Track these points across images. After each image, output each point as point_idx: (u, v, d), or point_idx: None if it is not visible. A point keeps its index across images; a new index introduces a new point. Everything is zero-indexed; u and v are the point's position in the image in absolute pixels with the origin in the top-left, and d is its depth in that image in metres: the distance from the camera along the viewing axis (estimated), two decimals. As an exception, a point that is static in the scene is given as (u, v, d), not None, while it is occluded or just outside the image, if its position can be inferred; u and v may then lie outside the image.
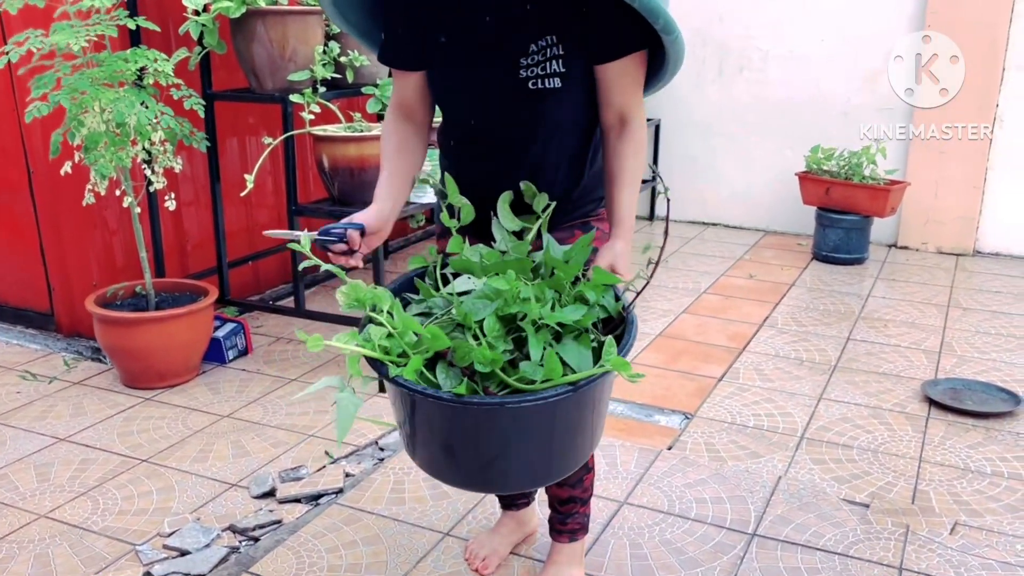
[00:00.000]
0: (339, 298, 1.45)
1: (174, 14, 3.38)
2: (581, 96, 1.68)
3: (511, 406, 1.35)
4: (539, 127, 1.69)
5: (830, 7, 4.99)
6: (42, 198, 3.44)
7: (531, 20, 1.61)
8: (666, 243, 1.67)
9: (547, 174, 1.73)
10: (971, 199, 4.87)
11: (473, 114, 1.73)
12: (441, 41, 1.67)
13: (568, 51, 1.61)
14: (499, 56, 1.63)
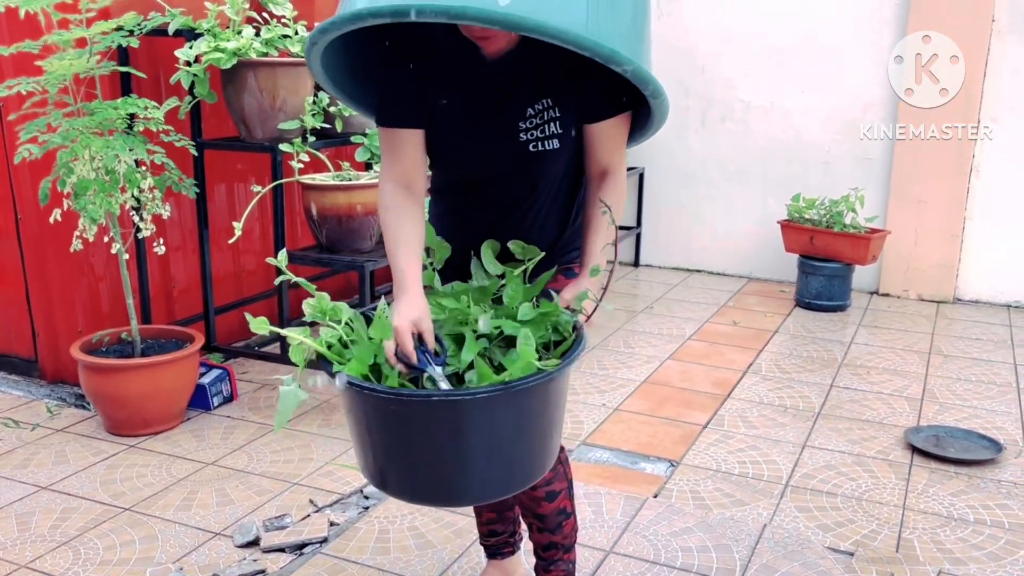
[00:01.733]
0: (305, 308, 1.55)
1: (165, 64, 3.43)
2: (573, 153, 1.75)
3: (437, 399, 1.42)
4: (535, 186, 1.75)
5: (809, 60, 5.11)
6: (29, 245, 3.45)
7: (527, 85, 1.67)
8: (614, 270, 1.73)
9: (536, 226, 1.79)
10: (950, 247, 4.95)
11: (471, 173, 1.77)
12: (442, 104, 1.71)
13: (563, 113, 1.68)
14: (498, 120, 1.69)
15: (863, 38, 4.96)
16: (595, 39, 1.32)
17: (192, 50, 3.01)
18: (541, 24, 1.28)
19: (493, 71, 1.68)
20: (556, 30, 1.29)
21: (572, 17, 1.31)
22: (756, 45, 5.21)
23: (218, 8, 3.01)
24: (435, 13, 1.29)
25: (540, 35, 1.30)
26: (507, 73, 1.67)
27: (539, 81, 1.67)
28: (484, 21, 1.29)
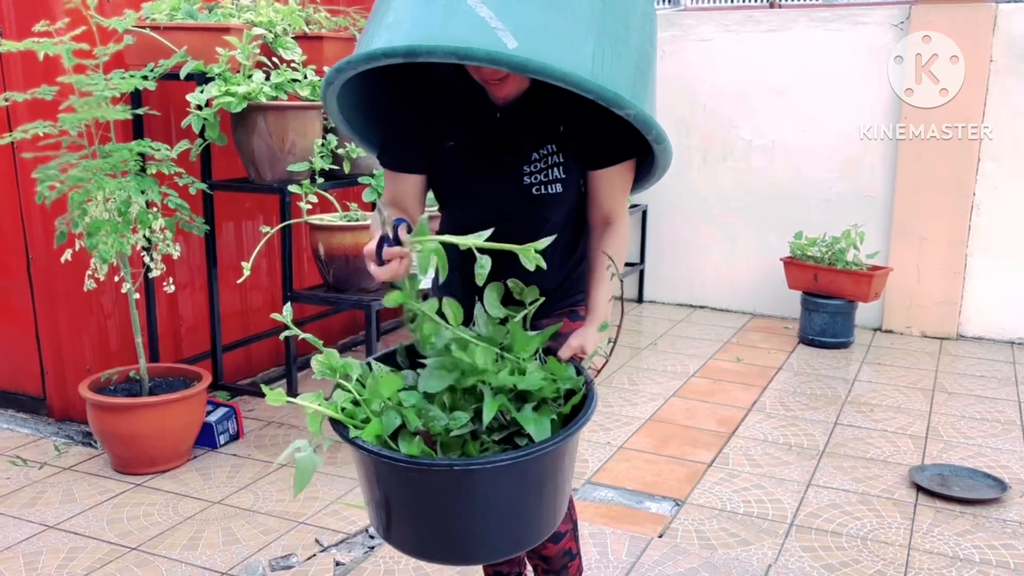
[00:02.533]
0: (313, 366, 1.53)
1: (176, 106, 3.50)
2: (576, 197, 1.79)
3: (459, 468, 1.39)
4: (539, 229, 1.78)
5: (809, 100, 5.17)
6: (40, 284, 3.49)
7: (533, 131, 1.72)
8: (621, 322, 1.74)
9: (539, 269, 1.81)
10: (953, 284, 4.97)
11: (474, 215, 1.81)
12: (448, 146, 1.76)
13: (567, 158, 1.73)
14: (503, 164, 1.74)
15: (862, 78, 5.02)
16: (599, 83, 1.36)
17: (203, 94, 3.07)
18: (547, 67, 1.33)
19: (501, 115, 1.73)
20: (562, 73, 1.33)
21: (578, 61, 1.35)
22: (756, 85, 5.28)
23: (229, 53, 3.08)
24: (446, 54, 1.34)
25: (546, 77, 1.34)
26: (514, 118, 1.73)
27: (545, 127, 1.73)
28: (492, 62, 1.33)
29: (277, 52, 3.28)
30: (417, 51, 1.35)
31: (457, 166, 1.77)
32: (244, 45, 3.07)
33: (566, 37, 1.36)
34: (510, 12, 1.34)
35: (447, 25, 1.35)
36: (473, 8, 1.35)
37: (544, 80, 1.35)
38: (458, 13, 1.35)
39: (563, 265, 1.86)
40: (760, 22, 5.26)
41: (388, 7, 1.46)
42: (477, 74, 1.66)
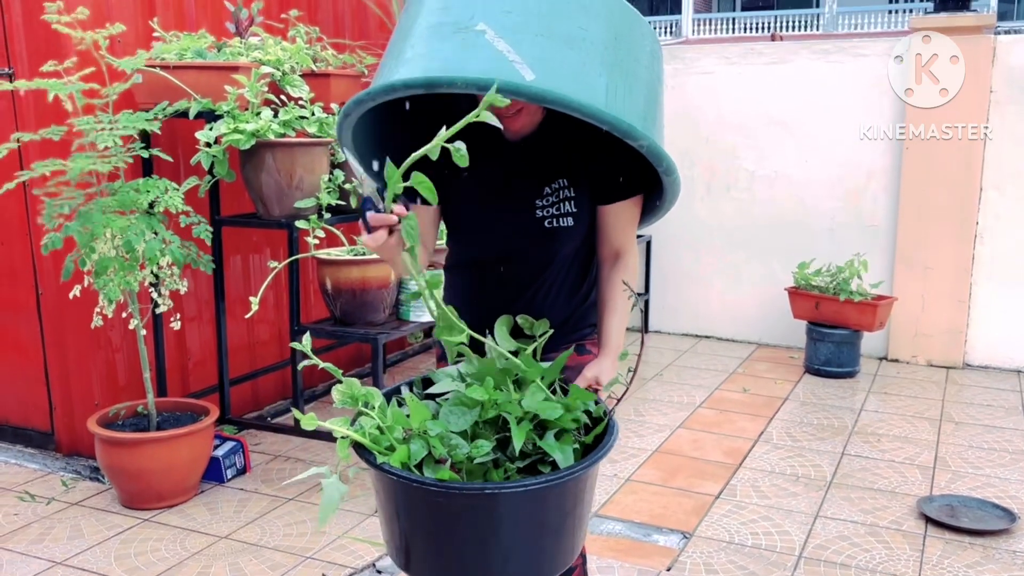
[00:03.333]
0: (334, 395, 1.54)
1: (185, 143, 3.54)
2: (586, 231, 1.82)
3: (490, 492, 1.39)
4: (549, 262, 1.82)
5: (812, 131, 5.21)
6: (49, 319, 3.51)
7: (545, 165, 1.76)
8: (642, 352, 1.77)
9: (548, 302, 1.85)
10: (958, 313, 4.98)
11: (487, 248, 1.84)
12: (463, 177, 1.78)
13: (578, 192, 1.77)
14: (516, 197, 1.78)
15: (864, 108, 5.06)
16: (614, 114, 1.40)
17: (212, 131, 3.11)
18: (564, 98, 1.37)
19: (514, 150, 1.78)
20: (578, 104, 1.37)
21: (592, 94, 1.39)
22: (758, 116, 5.33)
23: (238, 91, 3.12)
24: (466, 85, 1.37)
25: (563, 108, 1.38)
26: (527, 152, 1.77)
27: (557, 162, 1.77)
28: (512, 93, 1.36)
29: (285, 90, 3.32)
30: (437, 82, 1.40)
31: (471, 198, 1.81)
32: (252, 83, 3.11)
33: (581, 71, 1.41)
34: (527, 47, 1.39)
35: (466, 58, 1.39)
36: (491, 42, 1.39)
37: (561, 110, 1.39)
38: (477, 47, 1.39)
39: (571, 299, 1.89)
40: (761, 54, 5.31)
41: (406, 43, 1.50)
42: (492, 108, 1.69)
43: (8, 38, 3.34)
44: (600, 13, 1.49)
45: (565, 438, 1.53)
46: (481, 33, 1.40)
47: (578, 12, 1.47)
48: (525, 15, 1.43)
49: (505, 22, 1.41)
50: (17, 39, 3.32)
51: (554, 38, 1.42)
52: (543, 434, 1.53)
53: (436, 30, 1.46)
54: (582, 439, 1.57)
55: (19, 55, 3.31)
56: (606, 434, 1.57)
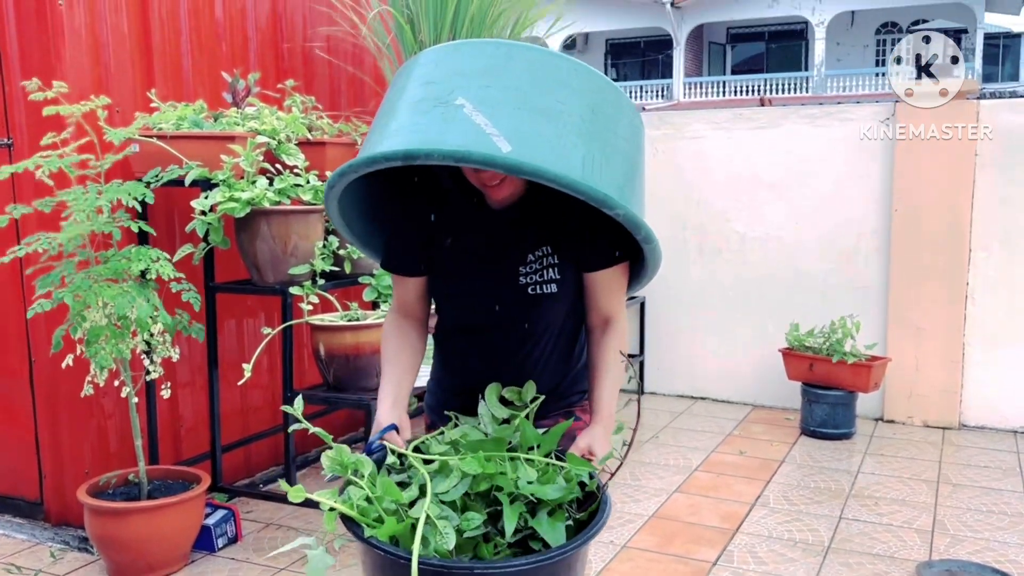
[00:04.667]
0: (324, 462, 1.52)
1: (181, 210, 3.57)
2: (572, 298, 1.84)
3: (479, 571, 1.38)
4: (535, 328, 1.83)
5: (801, 194, 5.28)
6: (41, 387, 3.50)
7: (528, 233, 1.79)
8: (638, 422, 1.76)
9: (537, 369, 1.85)
10: (952, 373, 4.98)
11: (472, 316, 1.86)
12: (446, 244, 1.83)
13: (562, 260, 1.79)
14: (499, 264, 1.80)
15: (852, 172, 5.14)
16: (589, 184, 1.43)
17: (208, 200, 3.15)
18: (539, 168, 1.40)
19: (498, 218, 1.80)
20: (553, 175, 1.40)
21: (568, 164, 1.43)
22: (749, 179, 5.40)
23: (233, 160, 3.17)
24: (443, 156, 1.42)
25: (539, 178, 1.41)
26: (511, 221, 1.80)
27: (540, 230, 1.79)
28: (488, 164, 1.41)
29: (280, 158, 3.37)
30: (415, 154, 1.44)
31: (455, 266, 1.83)
32: (248, 153, 3.16)
33: (557, 143, 1.44)
34: (504, 120, 1.43)
35: (445, 131, 1.43)
36: (469, 116, 1.43)
37: (537, 181, 1.42)
38: (455, 120, 1.43)
39: (560, 366, 1.89)
40: (750, 119, 5.41)
41: (390, 117, 1.55)
42: (475, 178, 1.73)
43: (8, 108, 3.39)
44: (578, 87, 1.54)
45: (557, 514, 1.52)
46: (460, 107, 1.45)
47: (556, 86, 1.52)
48: (503, 90, 1.48)
49: (483, 96, 1.46)
50: (17, 109, 3.37)
51: (531, 111, 1.46)
52: (535, 510, 1.52)
53: (417, 105, 1.51)
54: (575, 515, 1.56)
55: (19, 125, 3.36)
56: (599, 510, 1.56)
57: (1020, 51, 26.95)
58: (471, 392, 1.80)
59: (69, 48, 3.30)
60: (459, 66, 1.55)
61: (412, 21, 3.97)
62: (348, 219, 1.84)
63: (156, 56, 3.65)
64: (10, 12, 3.34)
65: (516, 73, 1.52)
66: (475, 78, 1.50)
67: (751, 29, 26.51)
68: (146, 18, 3.61)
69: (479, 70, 1.52)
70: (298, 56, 4.38)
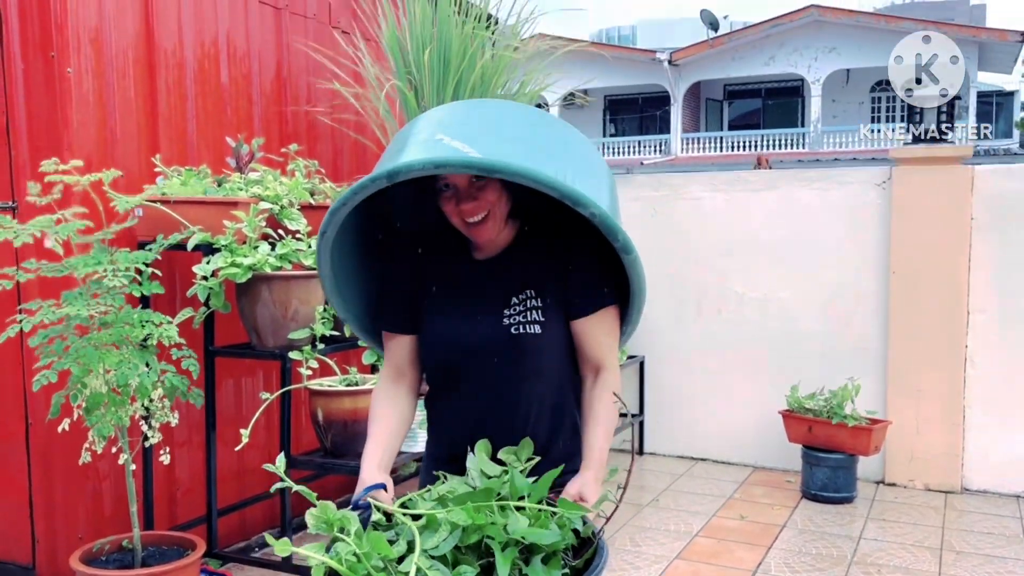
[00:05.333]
0: (308, 520, 1.51)
1: (182, 273, 3.59)
2: (559, 347, 1.84)
3: None
4: (520, 371, 1.82)
5: (799, 256, 5.32)
6: (37, 450, 3.48)
7: (512, 278, 1.83)
8: (631, 472, 1.74)
9: (530, 426, 1.83)
10: (952, 437, 4.96)
11: (458, 359, 1.86)
12: (432, 292, 1.87)
13: (546, 304, 1.81)
14: (484, 306, 1.82)
15: (849, 233, 5.18)
16: (562, 180, 1.51)
17: (210, 265, 3.16)
18: (509, 165, 1.49)
19: (483, 265, 1.86)
20: (524, 170, 1.49)
21: (540, 168, 1.51)
22: (747, 241, 5.44)
23: (236, 226, 3.19)
24: (423, 166, 1.53)
25: (511, 175, 1.50)
26: (495, 268, 1.85)
27: (524, 275, 1.83)
28: (462, 167, 1.55)
29: (283, 223, 3.40)
30: (397, 171, 1.55)
31: (440, 310, 1.86)
32: (251, 219, 3.19)
33: (530, 156, 1.55)
34: (480, 145, 1.53)
35: (424, 151, 1.55)
36: (448, 143, 1.55)
37: (510, 179, 1.52)
38: (435, 146, 1.56)
39: (551, 423, 1.87)
40: (748, 182, 5.47)
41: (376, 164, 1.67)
42: (459, 220, 1.78)
43: (14, 171, 3.43)
44: (550, 125, 1.69)
45: (552, 562, 1.49)
46: (440, 140, 1.57)
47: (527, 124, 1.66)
48: (479, 126, 1.63)
49: (461, 132, 1.58)
50: (23, 173, 3.41)
51: (507, 140, 1.59)
52: (529, 558, 1.50)
53: (402, 146, 1.63)
54: (571, 563, 1.54)
55: (24, 190, 3.39)
56: (595, 557, 1.54)
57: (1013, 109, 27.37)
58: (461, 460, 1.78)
59: (76, 114, 3.35)
60: (439, 116, 1.69)
61: (415, 88, 4.03)
62: (338, 280, 1.88)
63: (162, 121, 3.70)
64: (19, 77, 3.39)
65: (491, 114, 1.72)
66: (454, 122, 1.65)
67: (748, 86, 26.93)
68: (153, 84, 3.67)
69: (457, 117, 1.68)
70: (301, 120, 4.44)
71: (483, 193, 1.75)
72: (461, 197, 1.75)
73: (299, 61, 4.43)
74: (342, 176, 4.60)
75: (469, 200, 1.75)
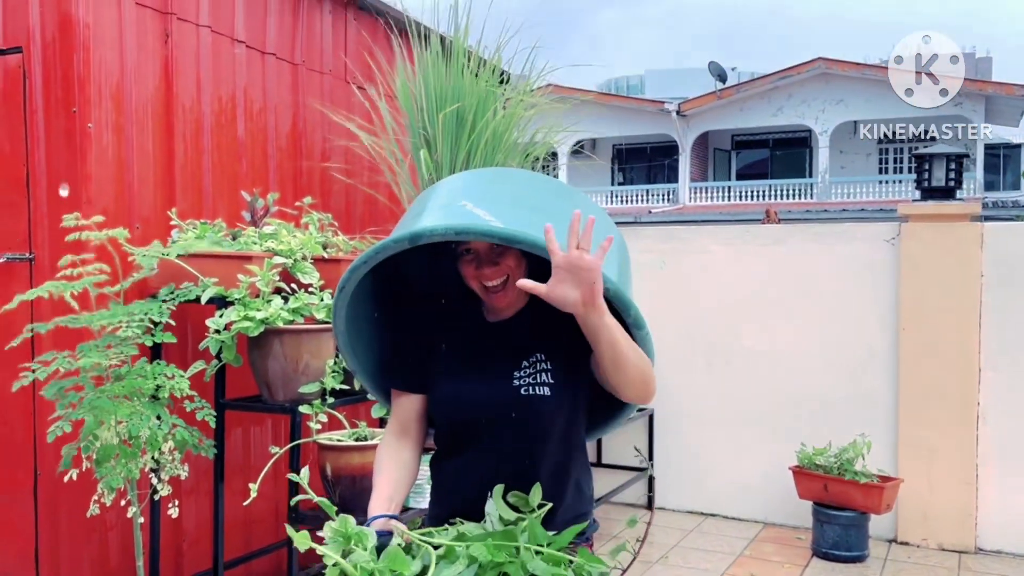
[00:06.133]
0: (326, 532, 1.50)
1: (194, 324, 3.61)
2: (568, 409, 1.85)
3: None
4: (528, 432, 1.83)
5: (808, 310, 5.32)
6: (44, 502, 3.47)
7: (524, 342, 1.85)
8: (652, 518, 1.73)
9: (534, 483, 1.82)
10: (966, 495, 4.90)
11: (468, 419, 1.87)
12: (443, 351, 1.88)
13: (554, 366, 1.83)
14: (494, 368, 1.84)
15: (858, 291, 5.19)
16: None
17: (223, 318, 3.19)
18: (528, 236, 1.53)
19: (495, 329, 1.89)
20: (541, 242, 1.52)
21: (559, 239, 1.52)
22: (756, 295, 5.45)
23: (250, 280, 3.22)
24: (445, 232, 1.57)
25: (529, 247, 1.55)
26: (507, 331, 1.88)
27: (535, 338, 1.86)
28: (483, 235, 1.60)
29: (296, 276, 3.42)
30: (420, 234, 1.58)
31: (451, 371, 1.88)
32: (265, 273, 3.21)
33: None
34: (502, 214, 1.58)
35: (446, 217, 1.60)
36: (471, 210, 1.59)
37: (527, 249, 1.55)
38: (458, 212, 1.60)
39: (553, 484, 1.86)
40: (757, 236, 5.49)
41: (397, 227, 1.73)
42: (478, 284, 1.82)
43: (32, 224, 3.48)
44: (567, 196, 1.75)
45: None
46: (463, 206, 1.61)
47: (546, 193, 1.73)
48: (500, 194, 1.70)
49: (484, 199, 1.64)
50: (41, 226, 3.45)
51: (527, 208, 1.64)
52: None
53: (421, 209, 1.69)
54: None
55: (42, 242, 3.44)
56: None
57: (1020, 160, 27.48)
58: (472, 511, 1.78)
59: (95, 167, 3.40)
60: (461, 183, 1.78)
61: (429, 142, 4.09)
62: (350, 336, 1.91)
63: (178, 173, 3.76)
64: (41, 131, 3.45)
65: (512, 183, 1.79)
66: (476, 189, 1.72)
67: (756, 136, 27.15)
68: (170, 137, 3.73)
69: (481, 184, 1.77)
70: (316, 173, 4.50)
71: (503, 259, 1.79)
72: (482, 262, 1.80)
73: (314, 115, 4.51)
74: (354, 228, 4.64)
75: (489, 265, 1.79)
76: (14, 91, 3.49)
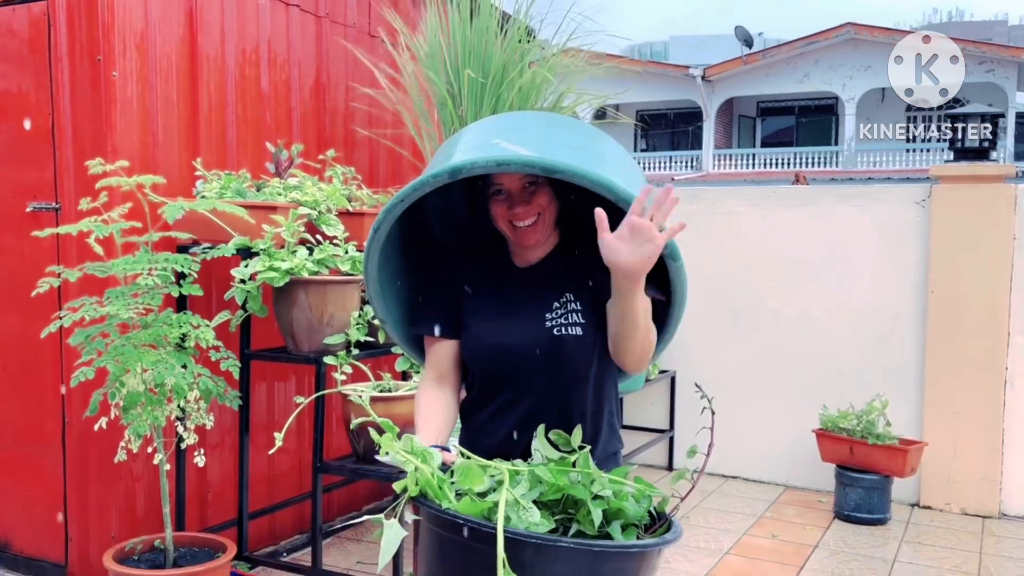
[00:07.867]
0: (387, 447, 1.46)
1: (219, 276, 3.62)
2: (600, 349, 1.85)
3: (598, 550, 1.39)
4: (563, 374, 1.84)
5: (835, 273, 5.25)
6: (73, 450, 3.51)
7: (553, 284, 1.87)
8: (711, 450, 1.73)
9: (571, 427, 1.81)
10: (991, 460, 4.86)
11: (502, 362, 1.87)
12: (475, 295, 1.90)
13: (584, 306, 1.84)
14: (527, 309, 1.86)
15: (887, 252, 5.11)
16: (612, 180, 1.56)
17: (248, 268, 3.18)
18: (564, 164, 1.55)
19: (524, 273, 1.90)
20: (575, 168, 1.54)
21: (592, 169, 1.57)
22: (782, 257, 5.38)
23: (275, 230, 3.21)
24: (486, 163, 1.58)
25: (565, 174, 1.56)
26: (537, 274, 1.89)
27: (564, 281, 1.87)
28: (521, 165, 1.59)
29: (320, 228, 3.41)
30: (461, 167, 1.59)
31: (484, 314, 1.89)
32: (290, 223, 3.20)
33: (582, 161, 1.59)
34: (535, 148, 1.60)
35: (483, 152, 1.61)
36: (506, 147, 1.61)
37: (563, 178, 1.57)
38: (493, 148, 1.62)
39: (590, 427, 1.86)
40: (784, 197, 5.42)
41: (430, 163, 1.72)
42: (507, 222, 1.82)
43: (58, 174, 3.48)
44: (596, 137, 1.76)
45: (629, 531, 1.51)
46: (497, 143, 1.62)
47: (578, 134, 1.73)
48: (533, 133, 1.70)
49: (517, 138, 1.64)
50: (67, 176, 3.46)
51: (561, 145, 1.65)
52: (609, 524, 1.50)
53: (451, 151, 1.69)
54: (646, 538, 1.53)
55: (67, 192, 3.44)
56: (669, 531, 1.55)
57: (1052, 130, 26.93)
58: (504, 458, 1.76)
59: (120, 117, 3.40)
60: (491, 124, 1.77)
61: (453, 97, 4.04)
62: (381, 283, 1.89)
63: (202, 125, 3.74)
64: (66, 81, 3.45)
65: (544, 123, 1.80)
66: (510, 130, 1.72)
67: (781, 103, 26.79)
68: (195, 89, 3.71)
69: (512, 124, 1.78)
70: (339, 127, 4.47)
71: (535, 198, 1.80)
72: (514, 201, 1.80)
73: (338, 69, 4.47)
74: (378, 183, 4.62)
75: (522, 204, 1.80)
76: (39, 39, 3.48)
